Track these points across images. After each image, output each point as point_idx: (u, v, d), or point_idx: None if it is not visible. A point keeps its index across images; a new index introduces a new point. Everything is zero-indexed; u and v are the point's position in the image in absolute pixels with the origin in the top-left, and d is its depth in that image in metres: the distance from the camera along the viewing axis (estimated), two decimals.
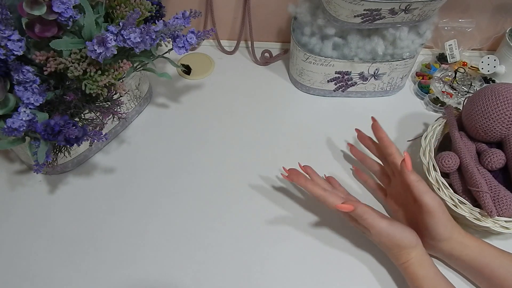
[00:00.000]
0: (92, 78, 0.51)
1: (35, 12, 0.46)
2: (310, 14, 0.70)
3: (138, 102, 0.72)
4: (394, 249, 0.51)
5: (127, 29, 0.51)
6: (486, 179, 0.56)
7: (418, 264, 0.50)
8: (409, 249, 0.51)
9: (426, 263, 0.51)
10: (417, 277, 0.50)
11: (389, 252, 0.53)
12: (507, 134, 0.58)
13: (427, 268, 0.50)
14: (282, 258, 0.57)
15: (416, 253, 0.51)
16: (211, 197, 0.63)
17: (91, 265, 0.56)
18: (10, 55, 0.46)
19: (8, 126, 0.47)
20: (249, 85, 0.80)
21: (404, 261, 0.51)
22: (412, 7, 0.62)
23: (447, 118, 0.64)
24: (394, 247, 0.51)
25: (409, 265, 0.51)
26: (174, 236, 0.59)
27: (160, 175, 0.65)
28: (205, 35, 0.62)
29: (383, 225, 0.50)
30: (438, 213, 0.50)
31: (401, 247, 0.51)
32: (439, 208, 0.51)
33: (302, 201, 0.63)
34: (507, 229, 0.53)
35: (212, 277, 0.55)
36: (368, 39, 0.69)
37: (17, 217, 0.60)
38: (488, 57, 0.78)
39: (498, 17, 0.82)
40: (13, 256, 0.56)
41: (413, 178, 0.51)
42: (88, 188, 0.64)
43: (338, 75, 0.74)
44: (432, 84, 0.80)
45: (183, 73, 0.81)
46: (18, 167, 0.66)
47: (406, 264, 0.51)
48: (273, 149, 0.70)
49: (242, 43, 0.87)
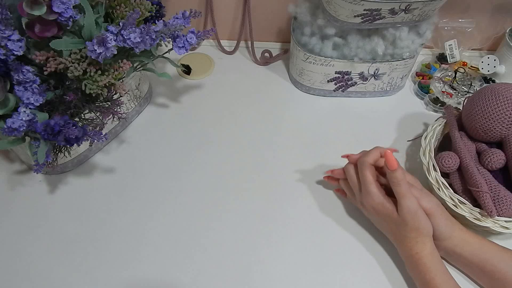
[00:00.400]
0: (92, 78, 0.51)
1: (35, 12, 0.46)
2: (310, 14, 0.70)
3: (138, 102, 0.72)
4: (413, 232, 0.51)
5: (127, 29, 0.51)
6: (486, 179, 0.56)
7: (432, 257, 0.50)
8: (425, 238, 0.51)
9: (438, 257, 0.51)
10: (430, 270, 0.50)
11: (404, 237, 0.52)
12: (507, 134, 0.58)
13: (439, 263, 0.51)
14: (282, 258, 0.57)
15: (430, 244, 0.51)
16: (211, 197, 0.63)
17: (91, 265, 0.56)
18: (10, 55, 0.46)
19: (8, 126, 0.47)
20: (249, 85, 0.80)
21: (419, 250, 0.51)
22: (412, 7, 0.62)
23: (447, 118, 0.64)
24: (414, 231, 0.51)
25: (423, 256, 0.50)
26: (174, 236, 0.59)
27: (160, 175, 0.65)
28: (205, 35, 0.62)
29: (415, 202, 0.50)
30: (437, 213, 0.51)
31: (420, 232, 0.51)
32: (437, 209, 0.51)
33: (302, 201, 0.63)
34: (507, 229, 0.53)
35: (212, 277, 0.55)
36: (368, 39, 0.69)
37: (17, 217, 0.60)
38: (488, 57, 0.78)
39: (498, 17, 0.82)
40: (13, 256, 0.56)
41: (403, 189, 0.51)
42: (88, 188, 0.64)
43: (338, 75, 0.74)
44: (432, 84, 0.80)
45: (183, 73, 0.81)
46: (18, 167, 0.66)
47: (420, 255, 0.51)
48: (273, 149, 0.70)
49: (242, 43, 0.87)
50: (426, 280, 0.50)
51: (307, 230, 0.60)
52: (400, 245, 0.54)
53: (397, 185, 0.51)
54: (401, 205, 0.51)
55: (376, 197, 0.53)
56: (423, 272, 0.50)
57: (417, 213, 0.50)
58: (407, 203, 0.51)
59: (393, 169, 0.50)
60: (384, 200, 0.53)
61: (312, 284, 0.55)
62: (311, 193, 0.64)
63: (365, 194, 0.54)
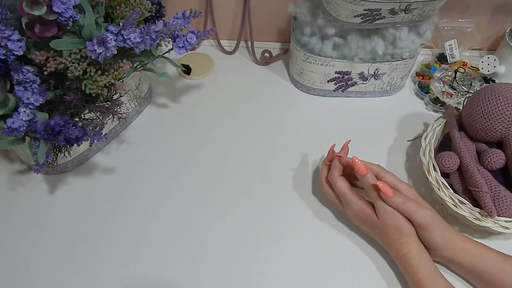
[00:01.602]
0: (92, 78, 0.51)
1: (35, 12, 0.46)
2: (310, 14, 0.70)
3: (138, 102, 0.72)
4: (396, 233, 0.51)
5: (127, 29, 0.51)
6: (486, 179, 0.56)
7: (419, 257, 0.51)
8: (409, 238, 0.51)
9: (426, 257, 0.51)
10: (418, 271, 0.50)
11: (390, 240, 0.53)
12: (507, 134, 0.58)
13: (427, 262, 0.51)
14: (282, 258, 0.57)
15: (416, 244, 0.51)
16: (211, 197, 0.63)
17: (91, 265, 0.56)
18: (10, 55, 0.46)
19: (8, 126, 0.47)
20: (249, 85, 0.80)
21: (405, 252, 0.51)
22: (412, 7, 0.62)
23: (447, 118, 0.64)
24: (396, 231, 0.51)
25: (410, 257, 0.51)
26: (174, 236, 0.59)
27: (160, 175, 0.65)
28: (205, 35, 0.62)
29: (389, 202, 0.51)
30: (433, 226, 0.51)
31: (402, 233, 0.51)
32: (433, 221, 0.51)
33: (302, 201, 0.63)
34: (507, 229, 0.53)
35: (212, 277, 0.55)
36: (368, 39, 0.69)
37: (17, 217, 0.60)
38: (488, 57, 0.78)
39: (498, 17, 0.82)
40: (13, 256, 0.56)
41: (398, 201, 0.51)
42: (88, 188, 0.64)
43: (338, 75, 0.74)
44: (432, 84, 0.80)
45: (183, 73, 0.81)
46: (18, 167, 0.66)
47: (407, 256, 0.51)
48: (272, 149, 0.70)
49: (242, 43, 0.87)
50: (415, 281, 0.50)
51: (307, 230, 0.60)
52: (388, 248, 0.55)
53: (370, 189, 0.51)
54: (377, 208, 0.52)
55: (353, 204, 0.54)
56: (412, 272, 0.51)
57: (394, 213, 0.51)
58: (383, 205, 0.51)
59: (362, 174, 0.51)
60: (363, 205, 0.54)
61: (312, 284, 0.55)
62: (312, 193, 0.64)
63: (345, 205, 0.56)
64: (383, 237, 0.54)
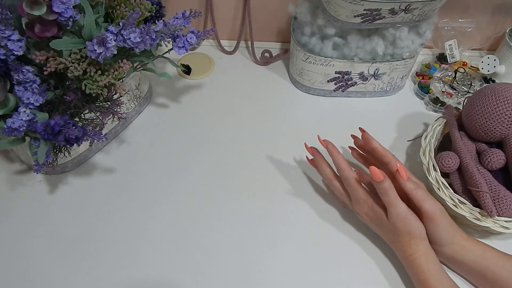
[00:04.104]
0: (92, 78, 0.51)
1: (35, 12, 0.46)
2: (310, 14, 0.70)
3: (138, 102, 0.72)
4: (405, 236, 0.51)
5: (127, 29, 0.51)
6: (486, 179, 0.56)
7: (425, 257, 0.50)
8: (418, 240, 0.51)
9: (432, 258, 0.51)
10: (423, 271, 0.50)
11: (398, 241, 0.53)
12: (507, 134, 0.58)
13: (433, 263, 0.51)
14: (282, 258, 0.57)
15: (424, 245, 0.51)
16: (211, 197, 0.63)
17: (91, 265, 0.56)
18: (10, 55, 0.46)
19: (8, 126, 0.47)
20: (249, 85, 0.80)
21: (412, 252, 0.51)
22: (412, 7, 0.62)
23: (447, 118, 0.64)
24: (406, 234, 0.51)
25: (417, 258, 0.51)
26: (174, 236, 0.59)
27: (160, 175, 0.65)
28: (205, 35, 0.62)
29: (404, 207, 0.50)
30: (439, 218, 0.51)
31: (412, 235, 0.51)
32: (440, 213, 0.51)
33: (302, 201, 0.63)
34: (507, 229, 0.53)
35: (212, 277, 0.55)
36: (368, 39, 0.69)
37: (17, 217, 0.60)
38: (488, 57, 0.78)
39: (498, 17, 0.82)
40: (13, 256, 0.56)
41: (410, 187, 0.51)
42: (88, 188, 0.64)
43: (338, 75, 0.74)
44: (432, 84, 0.80)
45: (183, 73, 0.81)
46: (18, 167, 0.66)
47: (414, 256, 0.51)
48: (272, 149, 0.70)
49: (242, 43, 0.87)
50: (420, 281, 0.50)
51: (307, 230, 0.60)
52: (395, 248, 0.54)
53: (385, 195, 0.51)
54: (390, 213, 0.51)
55: (363, 202, 0.54)
56: (418, 273, 0.51)
57: (406, 217, 0.51)
58: (397, 211, 0.51)
59: (379, 181, 0.50)
60: (373, 203, 0.54)
61: (312, 284, 0.55)
62: (312, 193, 0.64)
63: (354, 201, 0.56)
64: (391, 237, 0.54)
